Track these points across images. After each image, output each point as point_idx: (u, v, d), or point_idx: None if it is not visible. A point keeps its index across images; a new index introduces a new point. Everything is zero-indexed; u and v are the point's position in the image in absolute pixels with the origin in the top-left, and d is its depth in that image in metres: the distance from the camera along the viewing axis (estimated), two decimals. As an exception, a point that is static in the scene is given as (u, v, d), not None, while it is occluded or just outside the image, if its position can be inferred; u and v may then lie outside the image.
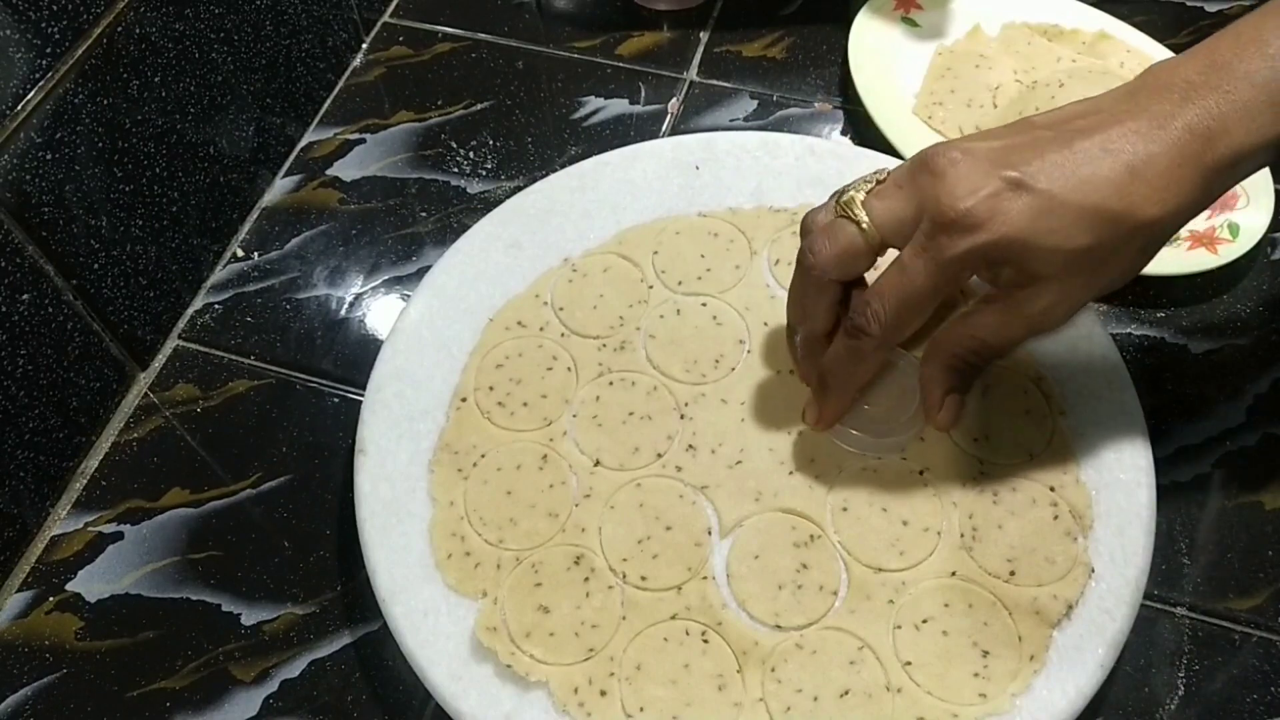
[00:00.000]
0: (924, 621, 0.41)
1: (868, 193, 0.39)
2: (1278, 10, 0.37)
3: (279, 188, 0.62)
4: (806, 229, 0.42)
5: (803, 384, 0.47)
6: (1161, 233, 0.37)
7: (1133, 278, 0.40)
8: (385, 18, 0.70)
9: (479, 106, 0.65)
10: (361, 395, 0.49)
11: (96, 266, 0.50)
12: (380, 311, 0.57)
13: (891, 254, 0.40)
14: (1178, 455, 0.50)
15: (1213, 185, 0.37)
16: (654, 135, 0.63)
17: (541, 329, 0.49)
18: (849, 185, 0.40)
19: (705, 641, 0.41)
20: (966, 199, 0.36)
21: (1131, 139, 0.36)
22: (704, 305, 0.50)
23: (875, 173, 0.40)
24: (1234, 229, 0.56)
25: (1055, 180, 0.36)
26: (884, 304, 0.39)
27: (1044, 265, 0.37)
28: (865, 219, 0.39)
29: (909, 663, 0.40)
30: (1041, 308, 0.39)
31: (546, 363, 0.48)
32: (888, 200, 0.39)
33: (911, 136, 0.61)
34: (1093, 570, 0.42)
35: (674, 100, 0.65)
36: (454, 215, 0.60)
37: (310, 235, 0.60)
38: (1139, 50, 0.64)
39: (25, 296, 0.46)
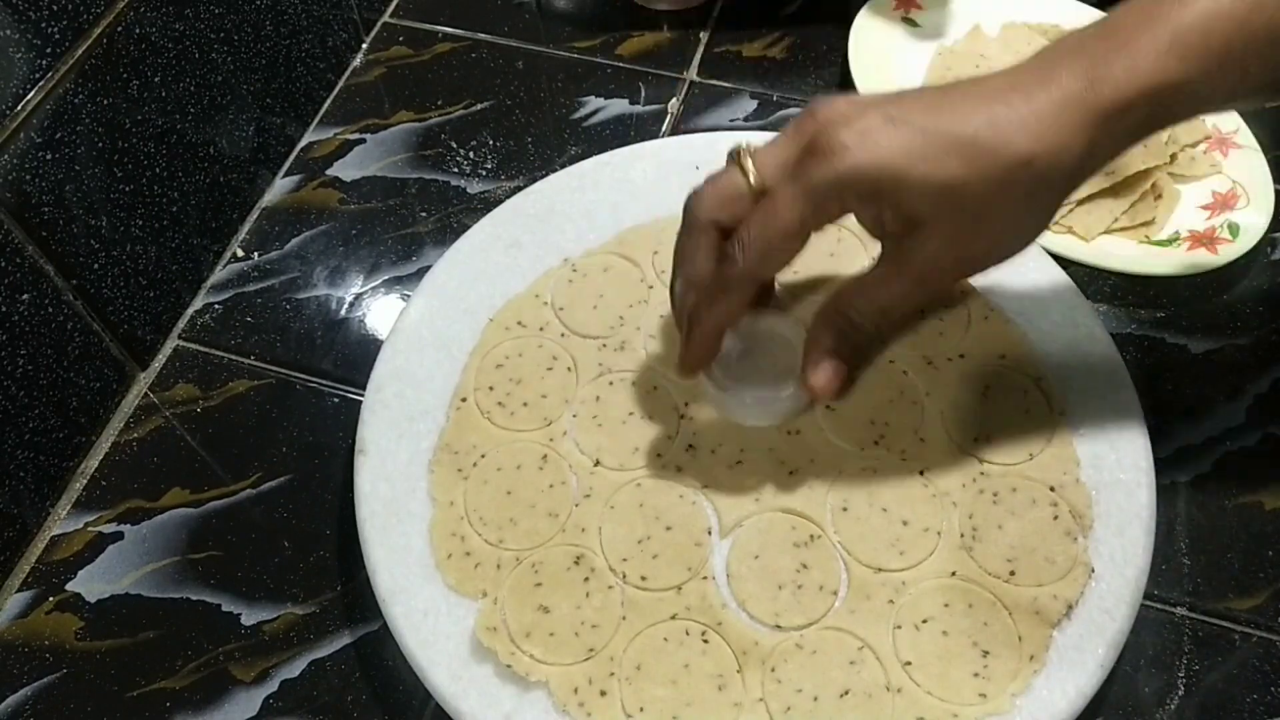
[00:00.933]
0: (924, 621, 0.41)
1: (759, 147, 0.39)
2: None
3: (279, 188, 0.62)
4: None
5: (801, 384, 0.47)
6: (1045, 175, 0.36)
7: (1030, 239, 0.39)
8: (385, 18, 0.70)
9: (479, 106, 0.65)
10: (361, 395, 0.49)
11: (96, 266, 0.50)
12: (380, 311, 0.57)
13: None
14: (1178, 455, 0.51)
15: (1101, 132, 0.36)
16: (654, 135, 0.63)
17: (541, 329, 0.49)
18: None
19: (705, 641, 0.41)
20: (835, 125, 0.36)
21: (1014, 84, 0.36)
22: (704, 305, 0.50)
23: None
24: (1234, 229, 0.56)
25: (929, 117, 0.36)
26: (750, 233, 0.38)
27: (919, 201, 0.36)
28: (749, 164, 0.38)
29: (909, 663, 0.40)
30: (927, 256, 0.38)
31: (546, 363, 0.48)
32: (773, 147, 0.39)
33: (911, 136, 0.61)
34: (1093, 570, 0.42)
35: (674, 100, 0.65)
36: (454, 215, 0.60)
37: (310, 235, 0.60)
38: (1139, 50, 0.64)
39: (25, 296, 0.46)
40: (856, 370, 0.41)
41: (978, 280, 0.50)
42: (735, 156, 0.39)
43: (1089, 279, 0.56)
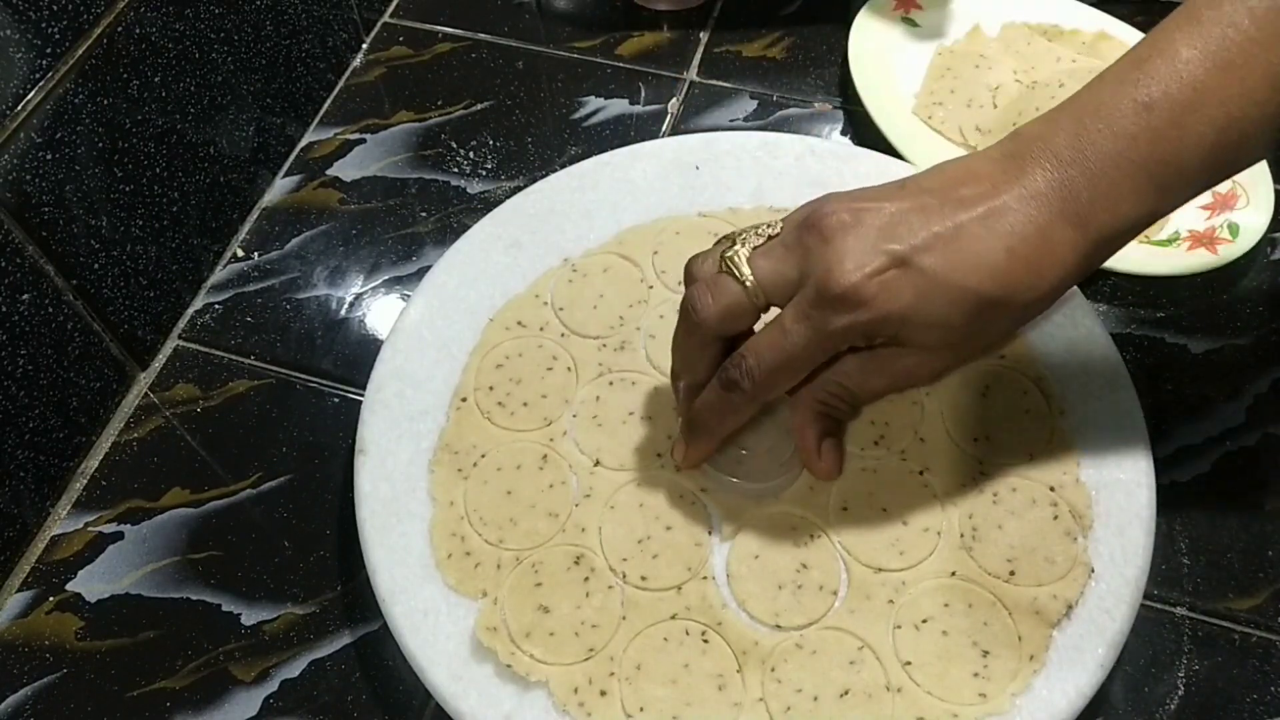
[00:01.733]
0: (924, 621, 0.41)
1: (754, 249, 0.39)
2: (1127, 69, 0.37)
3: (279, 188, 0.62)
4: (690, 277, 0.41)
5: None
6: (1033, 312, 0.39)
7: (1002, 347, 0.45)
8: (385, 18, 0.70)
9: (479, 106, 0.65)
10: (361, 395, 0.49)
11: (96, 266, 0.50)
12: (380, 311, 0.57)
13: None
14: (1178, 455, 0.51)
15: (1086, 264, 0.38)
16: (654, 135, 0.63)
17: (541, 329, 0.49)
18: (737, 234, 0.40)
19: (705, 641, 0.41)
20: (852, 274, 0.36)
21: (1010, 216, 0.36)
22: (704, 305, 0.50)
23: (766, 225, 0.40)
24: (1234, 229, 0.56)
25: (938, 259, 0.37)
26: (759, 361, 0.39)
27: (918, 337, 0.39)
28: (750, 277, 0.39)
29: (909, 663, 0.40)
30: (906, 366, 0.40)
31: (546, 363, 0.48)
32: (772, 260, 0.39)
33: (911, 136, 0.61)
34: (1093, 570, 0.42)
35: (674, 100, 0.65)
36: (454, 215, 0.60)
37: (310, 235, 0.60)
38: (1139, 50, 0.64)
39: (25, 296, 0.46)
40: (832, 436, 0.45)
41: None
42: (730, 264, 0.39)
43: (1089, 279, 0.56)
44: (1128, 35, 0.64)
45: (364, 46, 0.69)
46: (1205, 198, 0.58)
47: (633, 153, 0.55)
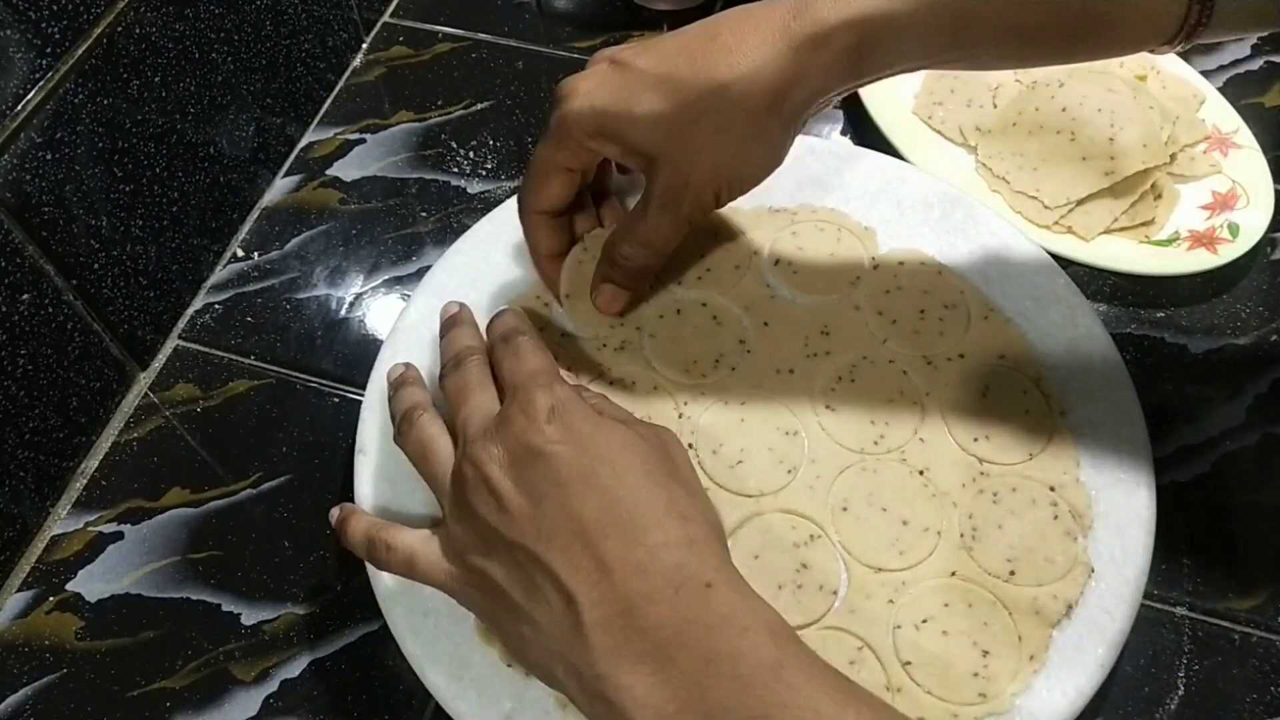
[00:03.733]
0: (924, 621, 0.41)
1: None
2: None
3: (279, 188, 0.62)
4: None
5: (802, 383, 0.47)
6: (743, 99, 0.40)
7: (761, 166, 0.43)
8: (385, 18, 0.70)
9: (479, 106, 0.65)
10: (361, 395, 0.49)
11: (96, 266, 0.50)
12: (380, 311, 0.57)
13: None
14: (1178, 455, 0.51)
15: (807, 58, 0.39)
16: (654, 135, 0.63)
17: (542, 329, 0.49)
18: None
19: (705, 641, 0.41)
20: (570, 78, 0.42)
21: (735, 18, 0.40)
22: (704, 305, 0.50)
23: None
24: (1234, 229, 0.56)
25: (642, 56, 0.41)
26: (529, 166, 0.45)
27: (636, 136, 0.41)
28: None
29: (909, 662, 0.40)
30: (663, 187, 0.42)
31: (546, 363, 0.48)
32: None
33: (911, 136, 0.61)
34: (1093, 570, 0.42)
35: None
36: (454, 215, 0.60)
37: (310, 235, 0.60)
38: (1139, 50, 0.64)
39: (25, 296, 0.46)
40: (640, 289, 0.48)
41: (978, 280, 0.50)
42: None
43: (1089, 279, 0.56)
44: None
45: (364, 46, 0.69)
46: (1205, 197, 0.58)
47: (633, 153, 0.55)
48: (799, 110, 0.41)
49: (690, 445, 0.46)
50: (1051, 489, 0.44)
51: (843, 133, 0.63)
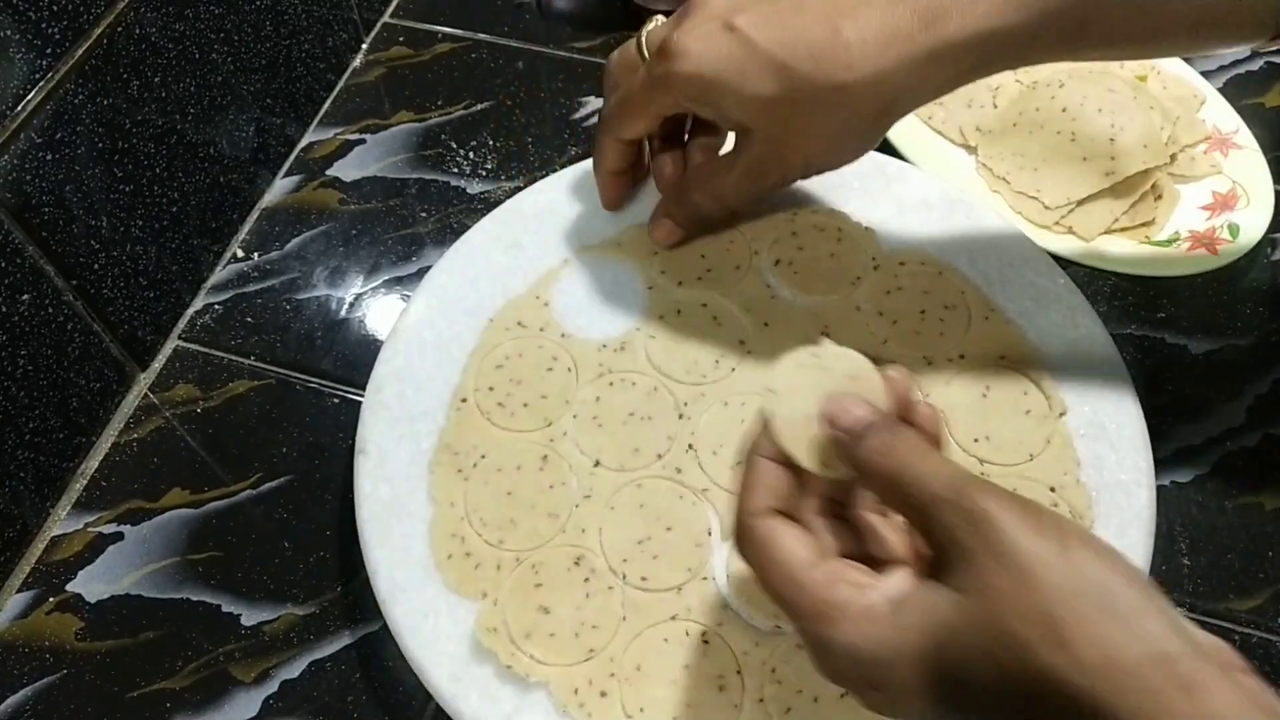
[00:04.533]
0: (924, 622, 0.41)
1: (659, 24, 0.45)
2: None
3: (279, 188, 0.62)
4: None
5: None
6: (858, 103, 0.39)
7: (852, 156, 0.44)
8: (385, 18, 0.70)
9: (479, 106, 0.65)
10: (361, 395, 0.49)
11: (96, 266, 0.50)
12: (380, 311, 0.57)
13: None
14: (1178, 455, 0.51)
15: (929, 70, 0.38)
16: (654, 135, 0.63)
17: (541, 329, 0.49)
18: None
19: (705, 642, 0.41)
20: (679, 30, 0.41)
21: (860, 9, 0.38)
22: (704, 305, 0.50)
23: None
24: (1234, 229, 0.56)
25: (759, 27, 0.39)
26: (610, 103, 0.45)
27: (738, 110, 0.41)
28: (644, 38, 0.44)
29: (909, 663, 0.40)
30: (753, 157, 0.43)
31: (546, 363, 0.48)
32: (665, 24, 0.44)
33: (911, 136, 0.61)
34: (1093, 571, 0.42)
35: (674, 100, 0.65)
36: (454, 215, 0.60)
37: (310, 235, 0.60)
38: (1139, 50, 0.64)
39: (25, 297, 0.46)
40: (697, 233, 0.50)
41: (979, 281, 0.50)
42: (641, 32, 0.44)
43: (1089, 279, 0.56)
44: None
45: (364, 46, 0.69)
46: (1205, 197, 0.58)
47: (633, 153, 0.55)
48: (904, 114, 0.42)
49: (690, 446, 0.46)
50: (1051, 489, 0.44)
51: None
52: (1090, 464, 0.45)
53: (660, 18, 0.45)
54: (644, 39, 0.44)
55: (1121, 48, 0.40)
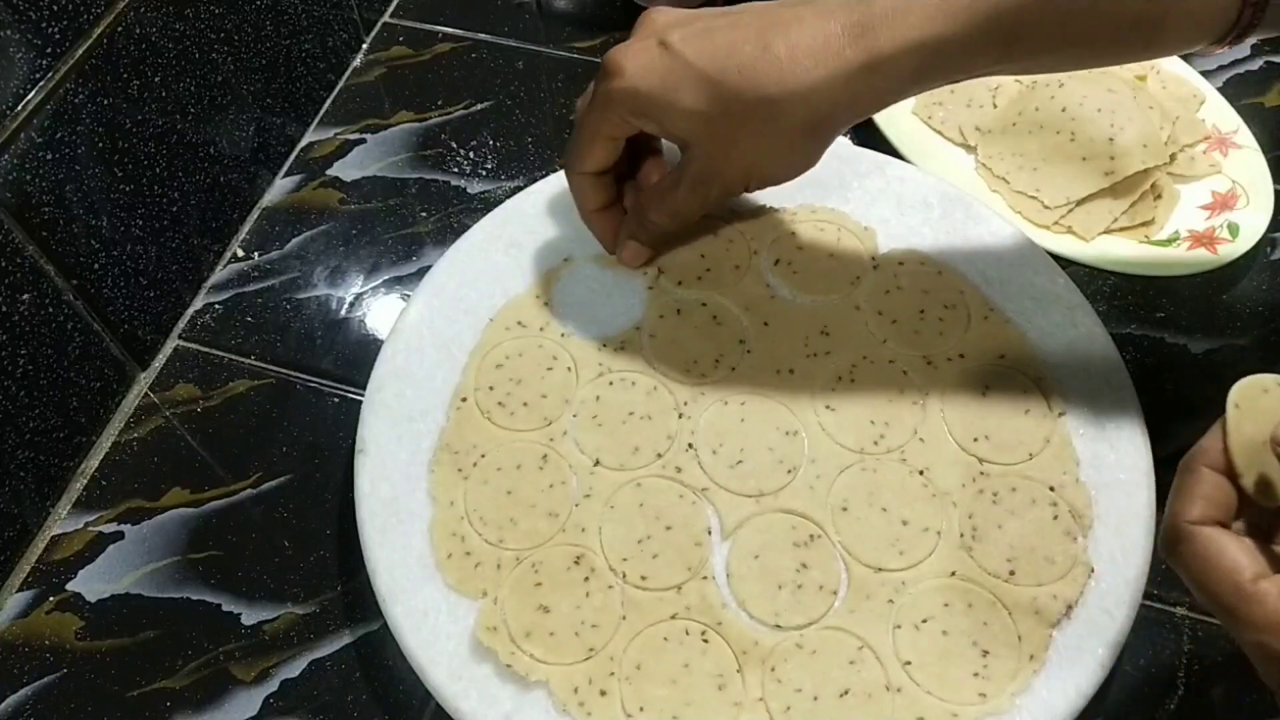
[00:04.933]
0: (924, 621, 0.41)
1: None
2: None
3: (279, 188, 0.62)
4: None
5: (802, 383, 0.47)
6: (789, 116, 0.40)
7: (796, 169, 0.44)
8: (385, 18, 0.70)
9: (479, 106, 0.65)
10: (361, 395, 0.49)
11: (96, 266, 0.50)
12: (380, 311, 0.57)
13: None
14: (1178, 455, 0.50)
15: (862, 82, 0.39)
16: (654, 135, 0.63)
17: (541, 329, 0.49)
18: None
19: (705, 641, 0.41)
20: (618, 52, 0.42)
21: (787, 25, 0.39)
22: (704, 305, 0.50)
23: None
24: (1234, 229, 0.56)
25: (692, 45, 0.40)
26: (575, 130, 0.46)
27: (675, 124, 0.42)
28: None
29: (909, 662, 0.40)
30: (696, 171, 0.44)
31: (546, 363, 0.48)
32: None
33: (911, 136, 0.61)
34: (1093, 570, 0.42)
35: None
36: (454, 215, 0.60)
37: (310, 235, 0.60)
38: (1139, 50, 0.64)
39: (25, 296, 0.46)
40: (661, 249, 0.50)
41: (978, 280, 0.50)
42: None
43: (1089, 279, 0.56)
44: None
45: (364, 46, 0.69)
46: (1205, 197, 0.58)
47: (633, 153, 0.55)
48: (841, 128, 0.43)
49: (690, 445, 0.46)
50: (1051, 489, 0.44)
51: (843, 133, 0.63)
52: (1090, 463, 0.45)
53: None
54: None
55: (1059, 55, 0.40)
